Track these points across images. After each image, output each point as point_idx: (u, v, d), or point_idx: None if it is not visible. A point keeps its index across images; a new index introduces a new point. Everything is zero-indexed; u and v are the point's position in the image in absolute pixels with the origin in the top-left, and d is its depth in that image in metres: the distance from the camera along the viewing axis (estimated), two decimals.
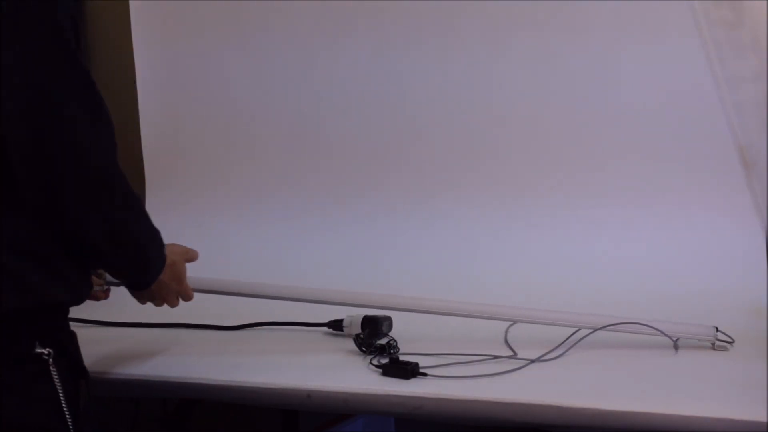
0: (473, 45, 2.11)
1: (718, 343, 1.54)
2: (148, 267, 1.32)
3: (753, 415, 1.22)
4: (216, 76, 2.31)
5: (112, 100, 2.41)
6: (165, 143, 2.36)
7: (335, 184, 2.24)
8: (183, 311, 1.55)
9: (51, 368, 1.13)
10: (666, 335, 1.53)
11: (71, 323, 1.29)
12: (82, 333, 1.65)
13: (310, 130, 2.26)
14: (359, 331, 1.60)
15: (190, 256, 1.49)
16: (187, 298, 1.51)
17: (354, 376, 1.45)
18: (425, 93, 2.17)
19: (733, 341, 1.54)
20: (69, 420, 1.14)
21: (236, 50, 2.28)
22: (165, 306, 1.49)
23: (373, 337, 1.58)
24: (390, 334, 1.62)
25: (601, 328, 1.54)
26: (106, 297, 1.53)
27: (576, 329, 1.56)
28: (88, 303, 1.70)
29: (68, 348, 1.20)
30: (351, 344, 1.58)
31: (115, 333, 1.76)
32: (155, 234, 1.29)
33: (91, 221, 1.13)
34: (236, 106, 2.31)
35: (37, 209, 1.11)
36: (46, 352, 1.12)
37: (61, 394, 1.14)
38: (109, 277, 1.52)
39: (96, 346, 1.64)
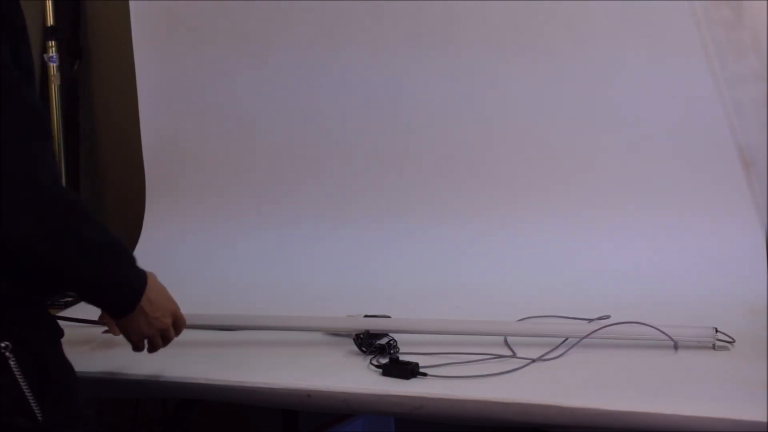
0: (473, 53, 2.10)
1: (718, 343, 1.54)
2: (122, 280, 1.24)
3: (753, 415, 1.22)
4: (217, 77, 2.30)
5: (111, 100, 2.46)
6: (166, 143, 2.35)
7: (337, 191, 2.23)
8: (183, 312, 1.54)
9: (10, 361, 1.14)
10: (666, 335, 1.53)
11: (70, 323, 1.28)
12: (82, 333, 1.66)
13: (313, 131, 2.25)
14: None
15: None
16: (181, 321, 1.40)
17: (354, 376, 1.45)
18: (423, 103, 2.15)
19: (734, 341, 1.54)
20: (36, 408, 1.15)
21: (237, 51, 2.28)
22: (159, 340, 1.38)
23: (373, 337, 1.58)
24: (390, 334, 1.62)
25: (600, 329, 1.54)
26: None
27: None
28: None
29: (30, 341, 1.19)
30: (351, 344, 1.58)
31: None
32: (121, 246, 1.22)
33: (42, 242, 1.12)
34: (237, 106, 2.30)
35: None
36: (3, 345, 1.14)
37: (23, 385, 1.15)
38: None
39: (96, 347, 1.64)
